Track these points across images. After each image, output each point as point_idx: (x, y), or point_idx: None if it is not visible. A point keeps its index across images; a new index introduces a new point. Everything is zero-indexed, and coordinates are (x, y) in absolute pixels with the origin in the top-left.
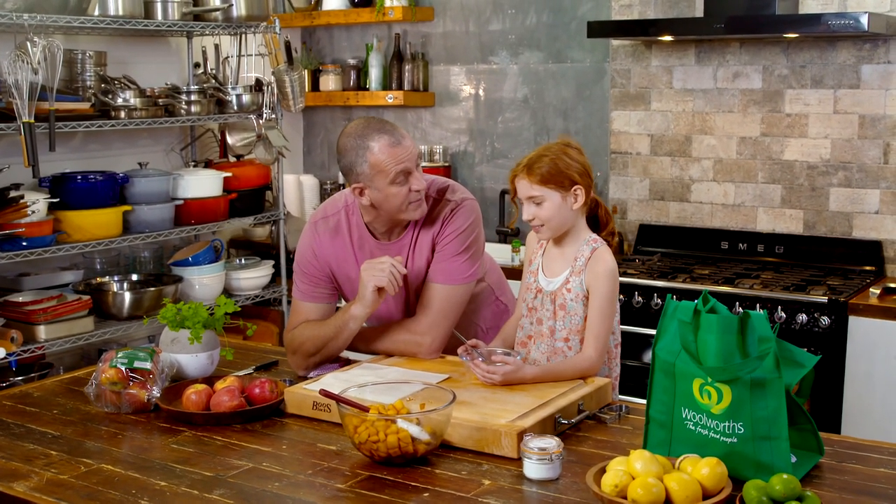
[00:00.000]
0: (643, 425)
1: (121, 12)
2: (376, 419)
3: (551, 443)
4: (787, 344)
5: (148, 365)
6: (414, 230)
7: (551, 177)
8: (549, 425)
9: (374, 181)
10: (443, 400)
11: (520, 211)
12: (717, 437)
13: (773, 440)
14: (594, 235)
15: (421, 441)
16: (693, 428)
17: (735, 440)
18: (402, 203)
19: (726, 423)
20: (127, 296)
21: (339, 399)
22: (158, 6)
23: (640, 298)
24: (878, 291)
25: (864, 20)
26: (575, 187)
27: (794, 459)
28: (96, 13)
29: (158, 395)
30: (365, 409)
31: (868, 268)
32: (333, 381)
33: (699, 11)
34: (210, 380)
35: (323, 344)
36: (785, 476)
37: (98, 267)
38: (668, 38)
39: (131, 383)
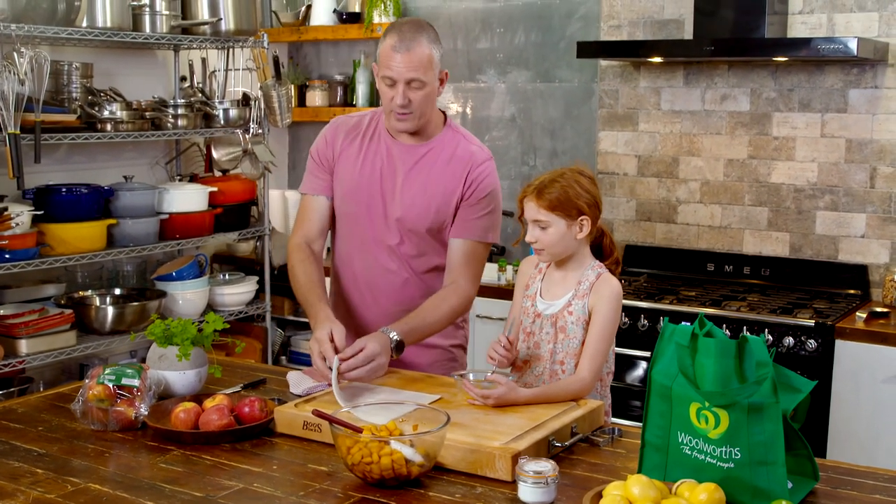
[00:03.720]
0: (637, 448)
1: (109, 24)
2: (370, 440)
3: (546, 466)
4: (783, 369)
5: (136, 382)
6: (437, 149)
7: (559, 204)
8: (542, 448)
9: (377, 69)
10: (435, 421)
11: (525, 230)
12: (714, 461)
13: (769, 465)
14: (598, 262)
15: (414, 463)
16: (689, 452)
17: (732, 465)
18: (386, 105)
19: (723, 448)
20: (110, 310)
21: (331, 419)
22: (146, 19)
23: (626, 319)
24: (864, 315)
25: (854, 45)
26: (582, 217)
27: (790, 485)
28: (84, 24)
29: (146, 412)
30: (358, 430)
31: (853, 291)
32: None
33: (688, 34)
34: (198, 397)
35: (305, 304)
36: (783, 502)
37: (80, 280)
38: (656, 59)
39: (119, 400)
